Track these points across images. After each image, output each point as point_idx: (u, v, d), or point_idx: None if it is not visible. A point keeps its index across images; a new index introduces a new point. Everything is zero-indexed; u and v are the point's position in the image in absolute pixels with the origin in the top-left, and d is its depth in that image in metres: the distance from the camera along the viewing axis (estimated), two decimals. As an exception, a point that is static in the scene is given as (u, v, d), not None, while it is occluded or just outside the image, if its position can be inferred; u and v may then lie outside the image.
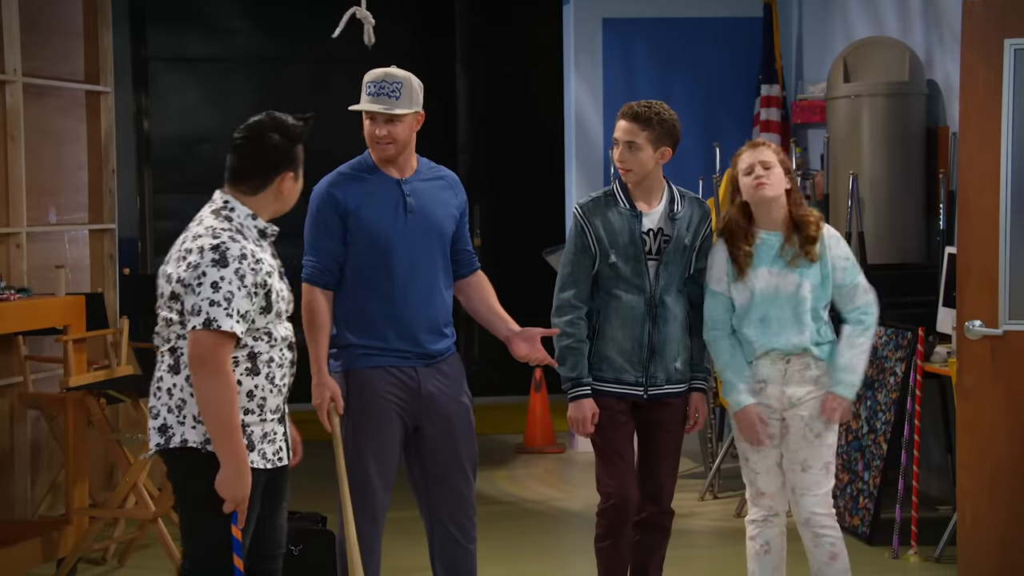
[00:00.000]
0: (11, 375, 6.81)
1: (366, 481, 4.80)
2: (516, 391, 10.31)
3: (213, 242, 3.96)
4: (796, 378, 4.93)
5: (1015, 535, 5.78)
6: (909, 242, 7.66)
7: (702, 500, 7.75)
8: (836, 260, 4.96)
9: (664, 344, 4.96)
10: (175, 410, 4.01)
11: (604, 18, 9.08)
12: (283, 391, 4.16)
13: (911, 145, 7.67)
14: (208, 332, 3.90)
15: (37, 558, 6.15)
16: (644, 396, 4.98)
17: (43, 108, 7.23)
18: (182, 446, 4.00)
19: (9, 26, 6.89)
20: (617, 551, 5.03)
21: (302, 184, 4.22)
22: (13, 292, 6.26)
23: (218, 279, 3.92)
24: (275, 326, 4.10)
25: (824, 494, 4.96)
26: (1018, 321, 5.74)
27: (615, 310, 4.95)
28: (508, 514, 7.54)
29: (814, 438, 4.92)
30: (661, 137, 4.94)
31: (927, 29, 7.77)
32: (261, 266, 4.01)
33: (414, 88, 4.81)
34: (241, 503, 3.97)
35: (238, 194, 4.12)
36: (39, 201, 7.20)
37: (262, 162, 4.12)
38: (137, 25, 10.94)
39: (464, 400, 4.91)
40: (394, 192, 4.81)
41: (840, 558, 4.96)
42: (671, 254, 4.95)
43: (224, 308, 3.91)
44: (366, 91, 4.79)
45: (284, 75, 11.22)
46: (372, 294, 4.79)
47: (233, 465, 3.95)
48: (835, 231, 5.06)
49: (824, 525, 4.95)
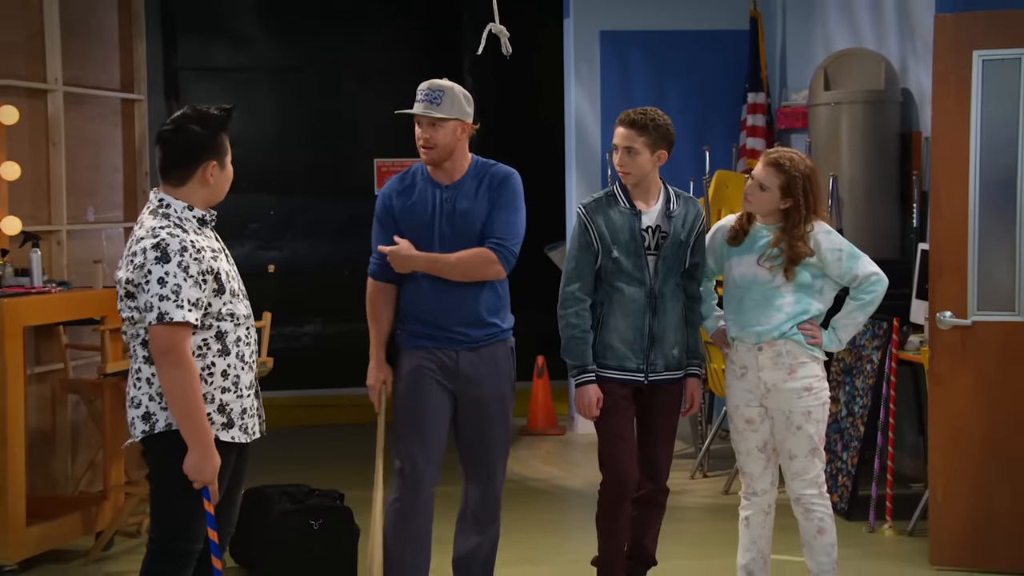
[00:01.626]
0: (53, 362, 6.83)
1: (406, 440, 4.83)
2: (520, 376, 10.28)
3: (153, 241, 3.90)
4: (768, 364, 4.90)
5: (982, 510, 5.80)
6: (885, 239, 7.66)
7: (692, 479, 7.75)
8: (827, 255, 4.89)
9: (663, 333, 4.97)
10: (156, 397, 3.97)
11: (602, 31, 9.07)
12: (253, 367, 4.14)
13: (887, 149, 7.67)
14: (163, 326, 3.86)
15: (77, 531, 6.18)
16: (645, 382, 4.99)
17: (82, 115, 7.24)
18: (166, 430, 3.96)
19: (51, 39, 6.91)
20: (617, 525, 5.04)
21: (231, 172, 4.11)
22: (54, 285, 6.27)
23: (163, 274, 3.87)
24: (235, 305, 4.06)
25: (813, 477, 4.93)
26: (986, 312, 5.76)
27: (618, 302, 4.96)
28: (513, 492, 7.52)
29: (796, 430, 4.90)
30: (657, 141, 4.95)
31: (902, 41, 7.77)
32: (203, 254, 3.95)
33: (457, 97, 4.81)
34: (210, 482, 3.95)
35: (169, 188, 4.05)
36: (78, 201, 7.21)
37: (184, 153, 4.02)
38: (168, 37, 10.93)
39: (500, 384, 4.90)
40: (434, 197, 4.83)
41: (827, 533, 4.96)
42: (668, 249, 4.96)
43: (174, 300, 3.87)
44: (416, 99, 4.83)
45: (303, 83, 11.22)
46: (417, 288, 4.83)
47: (200, 448, 3.92)
48: (826, 226, 4.94)
49: (813, 504, 4.95)
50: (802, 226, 4.86)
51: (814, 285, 4.90)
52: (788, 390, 4.89)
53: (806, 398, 4.89)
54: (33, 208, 6.83)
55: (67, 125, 7.02)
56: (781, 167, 4.87)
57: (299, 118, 11.20)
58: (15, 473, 5.68)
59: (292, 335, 11.07)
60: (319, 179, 11.18)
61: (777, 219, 4.92)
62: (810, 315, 4.91)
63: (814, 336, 4.89)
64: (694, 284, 5.07)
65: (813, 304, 4.91)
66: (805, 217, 4.86)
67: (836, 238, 4.94)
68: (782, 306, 4.88)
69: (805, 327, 4.88)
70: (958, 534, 5.83)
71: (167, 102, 10.85)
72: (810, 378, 4.89)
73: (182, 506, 4.00)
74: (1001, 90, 5.70)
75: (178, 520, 4.03)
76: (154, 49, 10.13)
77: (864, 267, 4.91)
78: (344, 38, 11.15)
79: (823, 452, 4.96)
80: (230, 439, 4.04)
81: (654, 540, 5.19)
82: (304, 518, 5.64)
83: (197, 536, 4.06)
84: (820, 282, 4.91)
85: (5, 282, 6.10)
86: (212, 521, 4.01)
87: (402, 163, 11.16)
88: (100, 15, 7.43)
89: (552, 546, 6.52)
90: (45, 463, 6.80)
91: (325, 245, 11.18)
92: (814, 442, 4.91)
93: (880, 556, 6.11)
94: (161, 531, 4.06)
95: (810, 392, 4.89)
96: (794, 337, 4.87)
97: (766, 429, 4.97)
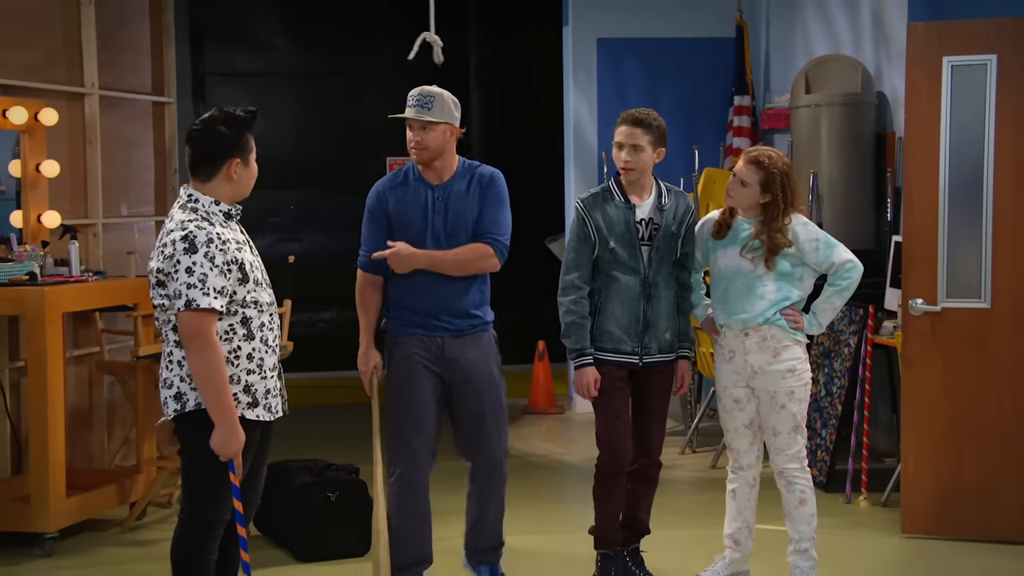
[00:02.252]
0: (89, 345, 6.87)
1: (400, 420, 4.87)
2: (522, 360, 10.33)
3: (182, 233, 3.93)
4: (755, 348, 4.92)
5: (949, 483, 5.83)
6: (861, 231, 7.66)
7: (682, 454, 7.77)
8: (805, 245, 4.89)
9: (656, 319, 4.99)
10: (187, 379, 3.99)
11: (599, 38, 9.07)
12: (276, 351, 4.16)
13: (863, 148, 7.68)
14: (190, 312, 3.89)
15: (112, 501, 6.21)
16: (640, 364, 5.01)
17: (116, 117, 7.26)
18: (196, 408, 3.99)
19: (88, 47, 6.94)
20: (612, 498, 5.07)
21: (256, 169, 4.14)
22: (91, 274, 6.30)
23: (191, 264, 3.89)
24: (259, 293, 4.07)
25: (795, 452, 4.95)
26: (954, 299, 5.79)
27: (614, 290, 4.97)
28: (515, 467, 7.49)
29: (780, 409, 4.92)
30: (658, 139, 4.96)
31: (877, 48, 7.78)
32: (228, 245, 3.96)
33: (447, 103, 4.81)
34: (235, 456, 3.97)
35: (197, 184, 4.07)
36: (112, 197, 7.23)
37: (211, 151, 4.04)
38: (196, 45, 10.95)
39: (486, 362, 4.92)
40: (426, 196, 4.84)
41: (808, 504, 4.98)
42: (661, 240, 4.98)
43: (200, 288, 3.88)
44: (407, 103, 4.82)
45: (321, 88, 11.23)
46: (406, 282, 4.86)
47: (225, 425, 3.94)
48: (803, 218, 4.96)
49: (795, 477, 4.97)
50: (780, 219, 4.87)
51: (794, 273, 4.92)
52: (773, 372, 4.91)
53: (790, 379, 4.91)
54: (71, 203, 6.87)
55: (102, 126, 7.05)
56: (760, 164, 4.89)
57: (317, 119, 11.21)
58: (56, 448, 5.72)
59: (310, 321, 11.09)
60: (335, 176, 11.19)
61: (757, 213, 4.93)
62: (791, 301, 4.92)
63: (796, 321, 4.91)
64: (685, 273, 5.09)
65: (794, 291, 4.93)
66: (783, 210, 4.87)
67: (813, 229, 4.94)
68: (764, 294, 4.90)
69: (787, 312, 4.90)
70: (928, 505, 5.86)
71: (194, 104, 10.87)
72: (793, 360, 4.91)
73: (210, 480, 4.03)
74: (969, 94, 5.72)
75: (206, 492, 4.06)
76: (183, 56, 10.16)
77: (840, 255, 4.91)
78: (358, 46, 11.16)
79: (805, 429, 4.99)
80: (255, 417, 4.06)
81: (647, 511, 5.21)
82: (322, 490, 5.67)
83: (224, 507, 4.09)
84: (799, 270, 4.93)
85: (46, 271, 6.13)
86: (237, 492, 4.03)
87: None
88: (133, 25, 7.46)
89: (552, 517, 6.54)
90: (83, 439, 6.84)
91: (341, 237, 11.19)
92: (796, 420, 4.93)
93: (855, 525, 6.14)
94: (192, 502, 4.09)
95: (793, 373, 4.91)
96: (777, 322, 4.89)
97: (752, 408, 4.99)
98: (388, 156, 11.17)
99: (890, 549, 5.79)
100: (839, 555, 5.62)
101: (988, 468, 5.77)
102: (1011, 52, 5.67)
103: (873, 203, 7.70)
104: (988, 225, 5.72)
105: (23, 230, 6.38)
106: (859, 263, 4.95)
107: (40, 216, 6.42)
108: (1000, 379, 5.74)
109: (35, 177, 6.42)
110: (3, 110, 6.16)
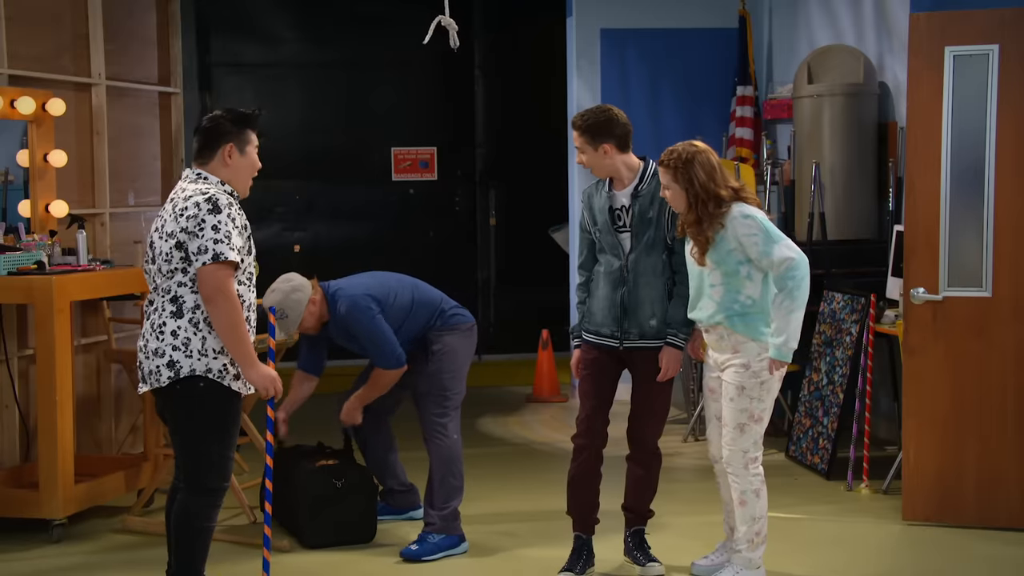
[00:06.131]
0: (97, 334, 6.87)
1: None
2: (526, 349, 10.33)
3: (204, 196, 4.16)
4: (715, 345, 4.87)
5: (950, 470, 5.83)
6: (863, 221, 7.67)
7: (685, 442, 7.77)
8: (744, 240, 4.67)
9: (636, 304, 4.97)
10: (180, 347, 4.17)
11: (602, 28, 9.07)
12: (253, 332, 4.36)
13: (865, 138, 7.67)
14: (217, 264, 4.09)
15: (120, 488, 6.22)
16: (620, 348, 5.02)
17: (123, 107, 7.25)
18: (191, 375, 4.16)
19: (95, 38, 6.92)
20: (579, 480, 5.12)
21: (253, 161, 4.37)
22: (99, 263, 6.30)
23: (216, 222, 4.12)
24: (252, 268, 4.32)
25: (736, 449, 4.81)
26: (956, 288, 5.78)
27: (601, 275, 5.06)
28: (520, 453, 7.58)
29: (728, 401, 4.82)
30: (596, 137, 4.92)
31: (879, 38, 7.76)
32: (242, 213, 4.26)
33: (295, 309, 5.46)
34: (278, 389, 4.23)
35: (199, 166, 4.32)
36: (120, 186, 7.23)
37: (212, 138, 4.31)
38: (202, 35, 10.93)
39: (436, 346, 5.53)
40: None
41: (748, 507, 4.83)
42: (637, 226, 4.96)
43: (227, 243, 4.11)
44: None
45: (327, 79, 11.22)
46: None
47: (254, 367, 4.17)
48: (746, 209, 4.70)
49: (735, 475, 4.85)
50: (703, 209, 4.70)
51: (740, 272, 4.73)
52: (729, 364, 4.83)
53: (742, 373, 4.76)
54: (79, 193, 6.86)
55: (109, 117, 7.04)
56: (665, 164, 4.76)
57: (321, 110, 11.20)
58: (64, 435, 5.72)
59: (315, 310, 11.08)
60: (341, 166, 11.20)
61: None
62: (743, 300, 4.73)
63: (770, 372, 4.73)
64: (680, 259, 5.00)
65: (743, 291, 4.74)
66: (703, 200, 4.68)
67: (754, 222, 4.67)
68: (712, 295, 4.77)
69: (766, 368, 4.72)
70: (928, 492, 5.86)
71: (201, 95, 10.86)
72: (750, 356, 4.76)
73: (212, 448, 4.22)
74: (971, 83, 5.70)
75: (208, 460, 4.23)
76: (189, 47, 10.15)
77: (779, 252, 4.63)
78: (364, 37, 11.15)
79: (757, 432, 4.81)
80: (238, 389, 4.26)
81: (645, 495, 5.19)
82: (328, 478, 5.67)
83: (226, 475, 4.28)
84: (746, 268, 4.73)
85: (54, 260, 6.13)
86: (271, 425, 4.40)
87: (416, 151, 11.17)
88: (139, 16, 7.44)
89: (554, 501, 6.52)
90: (91, 426, 6.85)
91: (347, 227, 11.21)
92: (743, 418, 4.77)
93: (857, 512, 6.14)
94: (193, 471, 4.26)
95: (747, 369, 4.76)
96: (726, 325, 4.76)
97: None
98: (393, 147, 11.18)
99: (891, 536, 5.79)
100: (841, 542, 5.62)
101: (989, 456, 5.76)
102: (1013, 42, 5.64)
103: (875, 193, 7.69)
104: (989, 214, 5.71)
105: (31, 219, 6.38)
106: (801, 258, 4.65)
107: (48, 206, 6.42)
108: (1001, 367, 5.73)
109: (43, 167, 6.42)
110: (11, 100, 6.16)
